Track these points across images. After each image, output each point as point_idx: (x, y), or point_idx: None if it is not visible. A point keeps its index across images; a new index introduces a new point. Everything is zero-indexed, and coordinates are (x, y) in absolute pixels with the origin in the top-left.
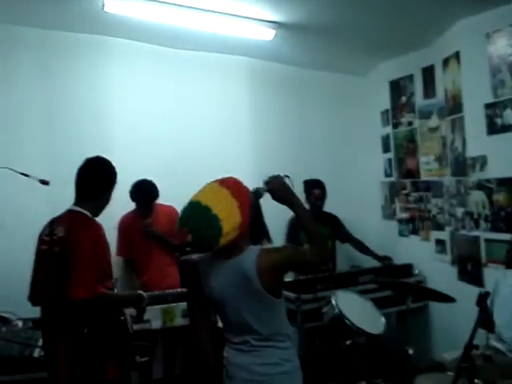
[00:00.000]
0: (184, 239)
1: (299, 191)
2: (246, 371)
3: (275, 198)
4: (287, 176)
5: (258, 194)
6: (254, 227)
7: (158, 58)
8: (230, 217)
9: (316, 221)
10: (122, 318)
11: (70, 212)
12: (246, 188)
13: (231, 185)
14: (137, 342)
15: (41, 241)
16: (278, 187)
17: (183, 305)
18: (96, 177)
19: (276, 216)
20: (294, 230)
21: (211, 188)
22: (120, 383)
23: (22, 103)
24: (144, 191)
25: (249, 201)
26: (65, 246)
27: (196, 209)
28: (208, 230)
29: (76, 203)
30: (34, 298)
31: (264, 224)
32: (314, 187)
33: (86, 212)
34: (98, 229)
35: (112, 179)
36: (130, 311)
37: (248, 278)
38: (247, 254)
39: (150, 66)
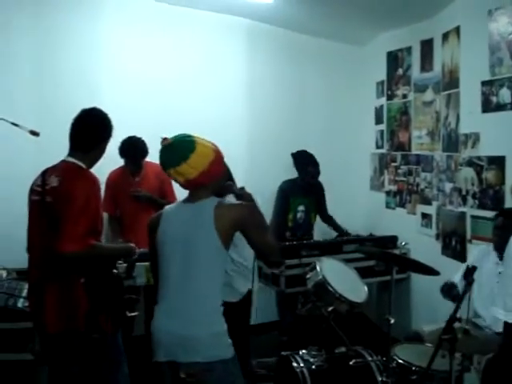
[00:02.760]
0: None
1: (287, 164)
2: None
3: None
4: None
5: (228, 187)
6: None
7: (154, 14)
8: (200, 158)
9: (301, 191)
10: (115, 271)
11: (64, 162)
12: (224, 161)
13: (218, 150)
14: (128, 295)
15: (32, 191)
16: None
17: None
18: (92, 128)
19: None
20: (284, 198)
21: (206, 139)
22: (111, 337)
23: (12, 53)
24: (134, 148)
25: (220, 168)
26: (58, 196)
27: (184, 134)
28: (180, 147)
29: (70, 154)
30: (29, 249)
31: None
32: (309, 164)
33: (80, 163)
34: (94, 182)
35: (107, 131)
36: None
37: (203, 221)
38: (210, 200)
39: (145, 22)
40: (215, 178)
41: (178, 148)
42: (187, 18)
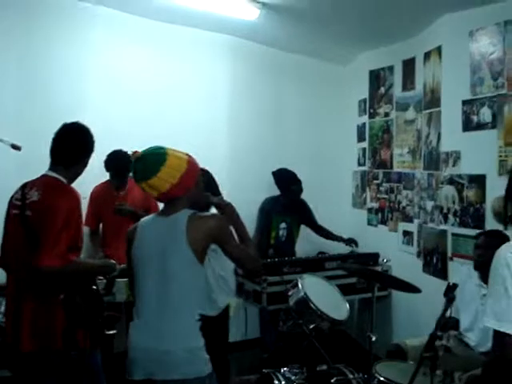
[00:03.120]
0: None
1: (269, 181)
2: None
3: (222, 213)
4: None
5: (209, 198)
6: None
7: (139, 30)
8: (171, 170)
9: (283, 209)
10: (95, 287)
11: (45, 177)
12: (197, 172)
13: (192, 160)
14: (108, 312)
15: (11, 205)
16: (231, 213)
17: None
18: (73, 143)
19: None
20: (266, 217)
21: (179, 151)
22: (90, 354)
23: None
24: (119, 161)
25: (193, 180)
26: (38, 210)
27: (156, 147)
28: (150, 160)
29: (51, 168)
30: (3, 264)
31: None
32: (291, 183)
33: (61, 178)
34: (75, 197)
35: (89, 146)
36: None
37: (176, 234)
38: (183, 212)
39: (130, 38)
40: (189, 190)
41: (149, 161)
42: (172, 34)
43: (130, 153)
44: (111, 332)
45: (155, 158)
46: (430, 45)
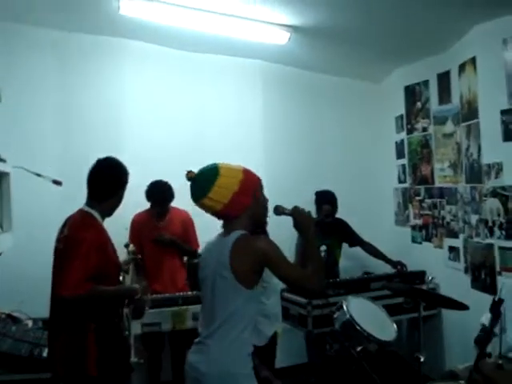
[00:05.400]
0: None
1: (309, 204)
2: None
3: (296, 224)
4: (309, 212)
5: (277, 210)
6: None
7: (171, 61)
8: (222, 189)
9: (322, 231)
10: (116, 319)
11: (78, 212)
12: (255, 188)
13: (248, 177)
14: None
15: (56, 240)
16: (304, 219)
17: (194, 307)
18: (106, 177)
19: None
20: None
21: (236, 165)
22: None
23: (38, 104)
24: (160, 191)
25: (248, 198)
26: (66, 244)
27: (209, 165)
28: (201, 181)
29: (87, 203)
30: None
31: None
32: (325, 202)
33: (93, 212)
34: (98, 231)
35: (122, 179)
36: (127, 312)
37: (223, 257)
38: (234, 233)
39: (163, 69)
40: (246, 208)
41: (200, 181)
42: (204, 63)
43: (186, 172)
44: (140, 361)
45: (206, 177)
46: (463, 56)
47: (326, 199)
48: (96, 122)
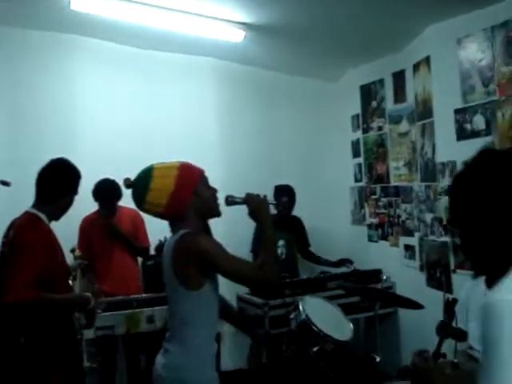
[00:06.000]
0: None
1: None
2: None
3: (251, 213)
4: (265, 196)
5: (230, 201)
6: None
7: (124, 58)
8: (157, 192)
9: (279, 226)
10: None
11: (25, 214)
12: (195, 181)
13: (184, 172)
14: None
15: (1, 244)
16: (259, 206)
17: (148, 310)
18: (55, 179)
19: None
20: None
21: (172, 162)
22: None
23: None
24: (107, 190)
25: (187, 193)
26: (11, 247)
27: (143, 170)
28: (137, 187)
29: (34, 205)
30: None
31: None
32: (283, 194)
33: (40, 214)
34: (44, 233)
35: (72, 183)
36: (78, 316)
37: (168, 260)
38: (177, 234)
39: (115, 66)
40: (186, 207)
41: (136, 187)
42: (157, 61)
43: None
44: (92, 365)
45: (140, 182)
46: (418, 56)
47: (284, 192)
48: (44, 121)
